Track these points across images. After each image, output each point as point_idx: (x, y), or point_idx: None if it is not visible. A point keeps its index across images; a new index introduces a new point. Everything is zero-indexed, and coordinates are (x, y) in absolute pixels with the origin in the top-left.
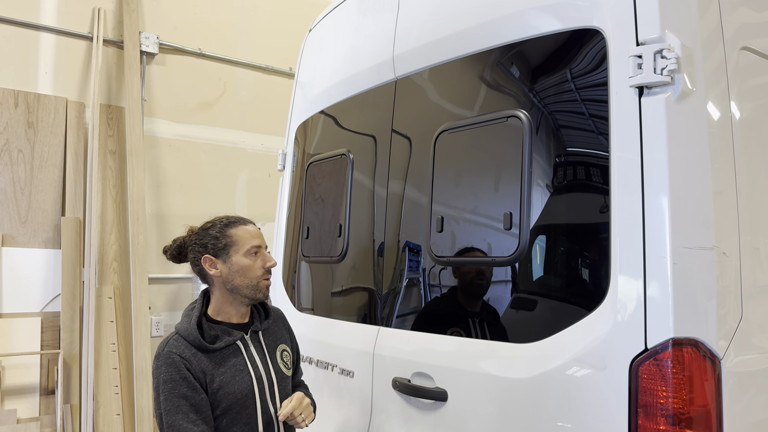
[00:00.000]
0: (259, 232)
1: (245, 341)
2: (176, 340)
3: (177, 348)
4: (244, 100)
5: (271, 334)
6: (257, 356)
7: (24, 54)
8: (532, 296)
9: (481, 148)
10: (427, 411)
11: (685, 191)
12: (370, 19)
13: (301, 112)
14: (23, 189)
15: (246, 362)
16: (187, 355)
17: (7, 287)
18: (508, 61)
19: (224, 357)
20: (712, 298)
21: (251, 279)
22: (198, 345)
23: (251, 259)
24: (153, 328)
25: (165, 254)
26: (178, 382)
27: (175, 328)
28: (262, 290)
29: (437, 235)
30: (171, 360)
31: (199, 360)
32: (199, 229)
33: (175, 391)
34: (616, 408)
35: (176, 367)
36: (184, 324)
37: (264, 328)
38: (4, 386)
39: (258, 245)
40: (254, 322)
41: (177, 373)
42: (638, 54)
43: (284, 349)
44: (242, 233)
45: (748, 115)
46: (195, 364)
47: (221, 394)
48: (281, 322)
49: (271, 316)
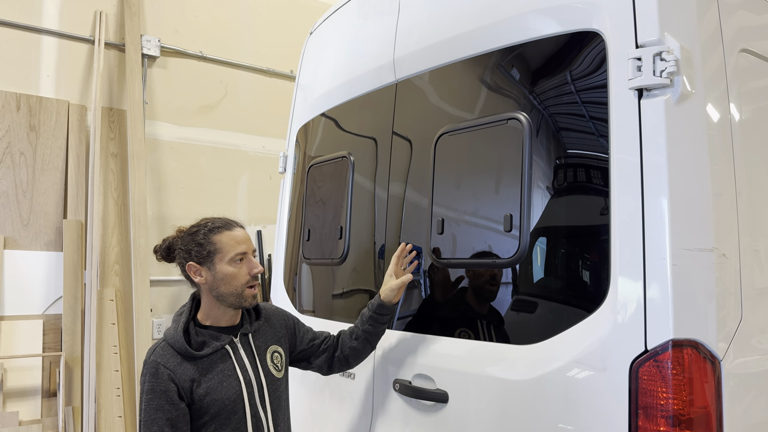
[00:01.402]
0: (245, 237)
1: (234, 345)
2: (163, 348)
3: (162, 357)
4: (245, 102)
5: (261, 335)
6: (246, 360)
7: (26, 57)
8: (533, 298)
9: (482, 150)
10: (428, 412)
11: (685, 193)
12: (371, 22)
13: (302, 114)
14: (25, 192)
15: (235, 366)
16: (172, 365)
17: (9, 290)
18: (508, 64)
19: (212, 363)
20: (711, 300)
21: (235, 287)
22: (184, 353)
23: (236, 266)
24: (154, 331)
25: (155, 254)
26: (158, 394)
27: (164, 335)
28: (247, 299)
29: (438, 237)
30: (155, 370)
31: (185, 368)
32: (186, 233)
33: (154, 403)
34: (617, 409)
35: (159, 379)
36: (171, 331)
37: (254, 330)
38: (6, 388)
39: (243, 252)
40: (244, 324)
41: (158, 385)
42: (637, 56)
43: (275, 350)
44: (226, 240)
45: (748, 118)
46: (180, 374)
47: (208, 401)
48: (275, 318)
49: (262, 316)
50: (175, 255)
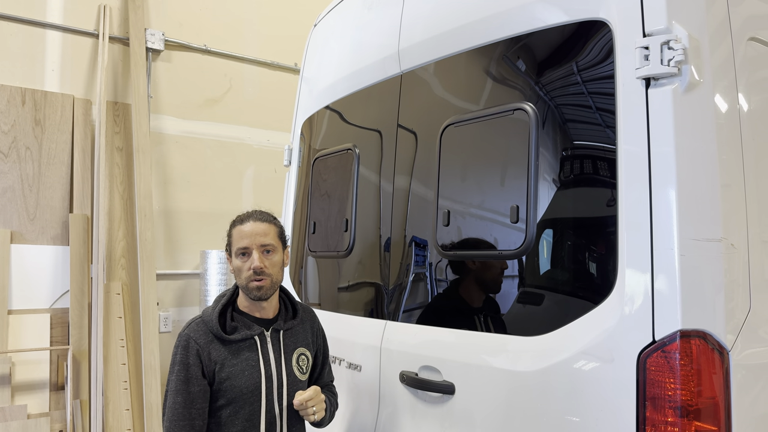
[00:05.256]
0: (252, 231)
1: (263, 337)
2: (197, 324)
3: (195, 332)
4: (250, 96)
5: (293, 335)
6: (272, 355)
7: (31, 52)
8: (539, 289)
9: (488, 141)
10: (435, 404)
11: (693, 183)
12: (375, 13)
13: (307, 107)
14: (31, 186)
15: (259, 359)
16: (202, 342)
17: (16, 284)
18: (515, 54)
19: (239, 349)
20: (720, 290)
21: (242, 280)
22: (215, 333)
23: (241, 260)
24: (161, 324)
25: None
26: (186, 366)
27: (202, 312)
28: (251, 291)
29: (444, 229)
30: (186, 343)
31: (213, 347)
32: None
33: (182, 375)
34: (624, 400)
35: (188, 352)
36: (209, 310)
37: (287, 328)
38: (15, 382)
39: (245, 246)
40: (278, 320)
41: (187, 358)
42: (645, 45)
43: (302, 353)
44: (236, 234)
45: (756, 107)
46: (207, 352)
47: (227, 385)
48: (309, 323)
49: (298, 316)
50: None
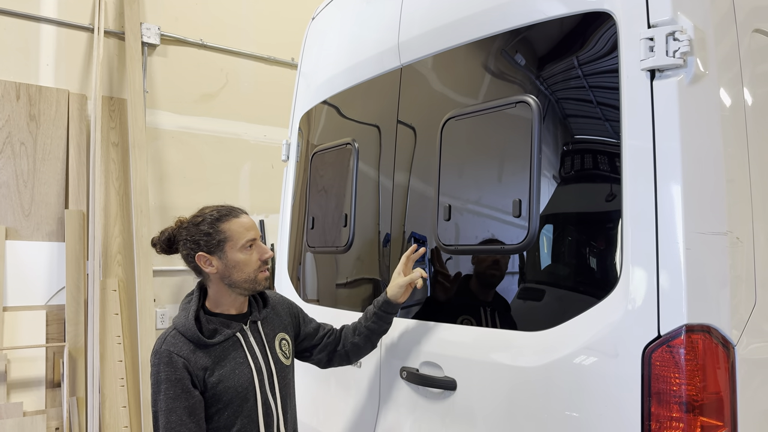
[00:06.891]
0: (252, 223)
1: (244, 332)
2: (174, 336)
3: (175, 346)
4: (246, 91)
5: (269, 323)
6: (257, 347)
7: (25, 46)
8: (542, 284)
9: (490, 135)
10: (436, 400)
11: (698, 177)
12: (374, 6)
13: (305, 102)
14: (26, 182)
15: (246, 354)
16: (185, 353)
17: (11, 280)
18: (516, 47)
19: (224, 351)
20: (725, 285)
21: (248, 273)
22: (196, 341)
23: (246, 253)
24: (158, 321)
25: (154, 247)
26: (174, 382)
27: (173, 323)
28: (261, 282)
29: (444, 223)
30: (169, 359)
31: (198, 356)
32: (189, 223)
33: (171, 392)
34: (629, 395)
35: (174, 367)
36: (181, 319)
37: (263, 318)
38: (11, 379)
39: (252, 238)
40: (252, 312)
41: (174, 374)
42: (650, 36)
43: (283, 337)
44: (236, 228)
45: (761, 100)
46: (194, 362)
47: (221, 388)
48: (280, 307)
49: (269, 303)
50: (179, 246)
